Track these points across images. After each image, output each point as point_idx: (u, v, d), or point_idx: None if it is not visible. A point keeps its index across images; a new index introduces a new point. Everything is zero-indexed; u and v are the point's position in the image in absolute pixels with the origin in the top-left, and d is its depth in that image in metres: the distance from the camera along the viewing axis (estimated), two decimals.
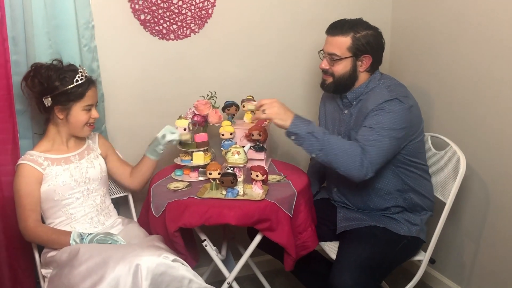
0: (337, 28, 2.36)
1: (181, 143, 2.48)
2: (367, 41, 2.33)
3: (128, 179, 2.48)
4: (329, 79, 2.41)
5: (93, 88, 2.28)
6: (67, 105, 2.22)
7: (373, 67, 2.40)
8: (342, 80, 2.38)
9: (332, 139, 2.23)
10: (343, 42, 2.33)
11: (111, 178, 2.52)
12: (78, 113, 2.24)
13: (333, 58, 2.36)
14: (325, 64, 2.39)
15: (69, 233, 2.19)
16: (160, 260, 1.95)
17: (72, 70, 2.25)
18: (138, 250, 1.99)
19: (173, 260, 2.00)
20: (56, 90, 2.20)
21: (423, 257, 2.44)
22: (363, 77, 2.39)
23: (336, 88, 2.42)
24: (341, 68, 2.36)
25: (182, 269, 2.01)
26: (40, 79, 2.22)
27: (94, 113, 2.30)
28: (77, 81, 2.21)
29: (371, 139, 2.22)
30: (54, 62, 2.27)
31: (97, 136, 2.48)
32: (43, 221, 2.28)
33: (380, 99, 2.29)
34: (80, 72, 2.24)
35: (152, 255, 1.95)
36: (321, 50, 2.45)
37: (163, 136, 2.39)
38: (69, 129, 2.29)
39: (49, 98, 2.21)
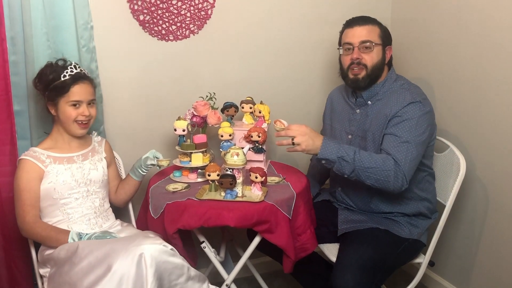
0: (364, 19, 2.39)
1: (179, 144, 2.47)
2: (389, 32, 2.42)
3: (113, 195, 2.49)
4: (362, 72, 2.37)
5: (80, 84, 2.26)
6: (55, 100, 2.24)
7: (390, 62, 2.44)
8: (375, 70, 2.37)
9: (363, 158, 2.21)
10: (374, 29, 2.37)
11: None
12: (65, 108, 2.24)
13: (367, 46, 2.35)
14: (357, 54, 2.36)
15: (67, 231, 2.19)
16: (161, 247, 1.98)
17: (64, 66, 2.26)
18: (138, 240, 2.00)
19: (171, 249, 2.03)
20: (48, 87, 2.24)
21: (423, 260, 2.43)
22: (384, 71, 2.42)
23: (370, 80, 2.39)
24: (375, 56, 2.36)
25: (180, 258, 2.05)
26: (40, 78, 2.26)
27: (83, 110, 2.26)
28: (64, 76, 2.23)
29: (402, 150, 2.22)
30: (59, 62, 2.29)
31: (104, 141, 2.49)
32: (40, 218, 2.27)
33: (404, 101, 2.30)
34: (70, 67, 2.25)
35: (154, 244, 1.97)
36: (340, 47, 2.43)
37: (146, 159, 2.40)
38: (63, 127, 2.29)
39: (45, 96, 2.25)
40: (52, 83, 2.23)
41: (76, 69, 2.26)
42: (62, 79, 2.22)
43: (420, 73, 2.88)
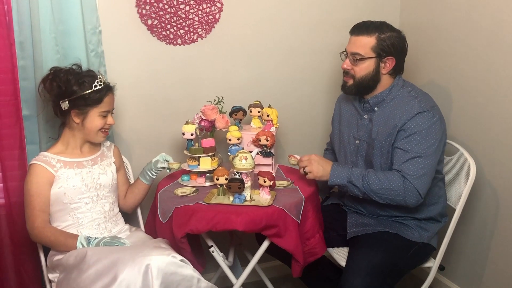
0: (362, 28, 2.35)
1: (188, 148, 2.47)
2: (392, 42, 2.33)
3: (122, 200, 2.49)
4: (350, 81, 2.38)
5: (110, 94, 2.29)
6: (84, 109, 2.23)
7: (396, 71, 2.38)
8: (364, 81, 2.35)
9: (371, 181, 2.24)
10: (367, 42, 2.32)
11: None
12: (94, 118, 2.25)
13: (356, 58, 2.33)
14: (347, 64, 2.37)
15: (76, 236, 2.19)
16: (169, 259, 1.96)
17: (91, 75, 2.26)
18: (147, 250, 1.99)
19: (181, 260, 2.01)
20: (74, 94, 2.21)
21: (433, 264, 2.41)
22: (385, 80, 2.37)
23: (358, 90, 2.39)
24: (364, 68, 2.33)
25: (190, 269, 2.03)
26: (59, 83, 2.23)
27: (110, 119, 2.30)
28: (95, 86, 2.22)
29: (412, 166, 2.23)
30: (74, 67, 2.29)
31: (113, 146, 2.49)
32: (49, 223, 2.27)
33: (412, 111, 2.27)
34: (99, 77, 2.25)
35: (162, 255, 1.97)
36: (343, 51, 2.42)
37: (156, 162, 2.41)
38: (83, 134, 2.29)
39: (67, 102, 2.22)
40: (81, 92, 2.21)
41: (103, 78, 2.27)
42: (94, 89, 2.22)
43: (429, 77, 2.87)
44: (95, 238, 2.19)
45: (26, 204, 2.22)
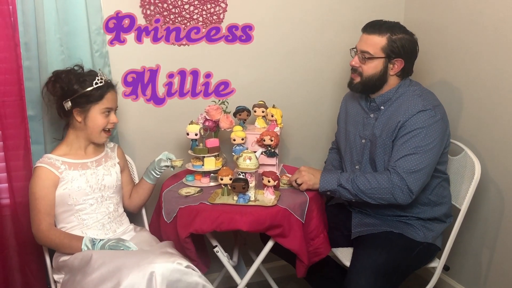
0: (374, 27, 2.34)
1: (192, 148, 2.48)
2: (402, 44, 2.32)
3: (127, 200, 2.50)
4: (357, 79, 2.38)
5: (112, 91, 2.29)
6: (86, 107, 2.24)
7: (404, 73, 2.38)
8: (371, 81, 2.35)
9: (359, 182, 2.26)
10: (378, 42, 2.31)
11: None
12: (96, 116, 2.25)
13: (364, 56, 2.33)
14: (355, 62, 2.37)
15: (81, 238, 2.19)
16: (174, 266, 1.95)
17: (92, 74, 2.27)
18: (152, 257, 1.98)
19: (186, 267, 1.99)
20: (76, 93, 2.22)
21: (437, 264, 2.41)
22: (392, 81, 2.37)
23: (364, 89, 2.40)
24: (372, 68, 2.33)
25: (195, 276, 2.01)
26: (61, 84, 2.24)
27: (113, 117, 2.30)
28: (96, 83, 2.23)
29: (405, 163, 2.23)
30: (75, 67, 2.30)
31: (116, 146, 2.50)
32: (55, 225, 2.28)
33: (414, 108, 2.27)
34: (100, 75, 2.26)
35: (166, 262, 1.95)
36: (353, 48, 2.41)
37: (159, 161, 2.41)
38: (86, 134, 2.29)
39: (69, 102, 2.23)
40: (82, 90, 2.22)
41: (104, 76, 2.28)
42: (95, 86, 2.23)
43: (433, 76, 2.86)
44: (100, 240, 2.18)
45: (31, 207, 2.22)
